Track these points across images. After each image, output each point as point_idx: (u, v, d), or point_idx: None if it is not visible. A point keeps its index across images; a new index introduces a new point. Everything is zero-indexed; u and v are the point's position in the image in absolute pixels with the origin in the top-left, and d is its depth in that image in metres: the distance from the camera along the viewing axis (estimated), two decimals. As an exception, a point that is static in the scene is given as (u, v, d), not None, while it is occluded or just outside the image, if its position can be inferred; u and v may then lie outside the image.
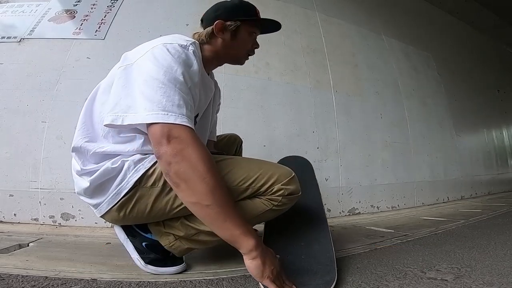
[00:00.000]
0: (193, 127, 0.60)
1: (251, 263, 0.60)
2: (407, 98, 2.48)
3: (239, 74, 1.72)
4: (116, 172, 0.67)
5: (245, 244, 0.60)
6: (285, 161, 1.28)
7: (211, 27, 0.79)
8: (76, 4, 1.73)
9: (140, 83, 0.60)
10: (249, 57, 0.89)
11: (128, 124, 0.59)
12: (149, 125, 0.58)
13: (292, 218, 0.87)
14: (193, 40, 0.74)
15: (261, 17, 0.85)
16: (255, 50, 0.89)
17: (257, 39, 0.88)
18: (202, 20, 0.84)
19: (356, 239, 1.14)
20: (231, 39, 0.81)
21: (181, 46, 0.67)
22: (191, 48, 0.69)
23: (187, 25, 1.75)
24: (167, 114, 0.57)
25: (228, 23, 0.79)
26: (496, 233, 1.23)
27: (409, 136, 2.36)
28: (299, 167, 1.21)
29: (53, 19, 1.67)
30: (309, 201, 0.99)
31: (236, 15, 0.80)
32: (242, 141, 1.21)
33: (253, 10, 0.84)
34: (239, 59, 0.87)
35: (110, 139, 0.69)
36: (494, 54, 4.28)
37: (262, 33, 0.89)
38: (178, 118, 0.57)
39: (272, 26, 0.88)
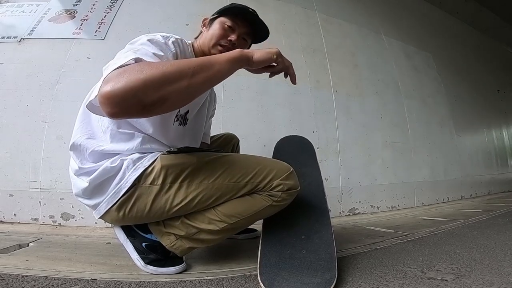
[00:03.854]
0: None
1: (256, 57, 0.66)
2: (407, 98, 2.48)
3: (239, 74, 1.71)
4: (115, 171, 0.68)
5: (237, 55, 0.62)
6: (284, 141, 1.22)
7: None
8: (76, 4, 1.73)
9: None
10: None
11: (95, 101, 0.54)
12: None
13: (293, 208, 0.84)
14: (182, 38, 0.77)
15: (258, 23, 0.84)
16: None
17: (241, 37, 0.84)
18: None
19: (356, 239, 1.14)
20: (207, 30, 0.84)
21: (162, 36, 0.70)
22: (172, 39, 0.71)
23: (187, 25, 1.75)
24: (118, 63, 0.53)
25: (210, 17, 0.85)
26: (496, 233, 1.23)
27: (409, 136, 2.36)
28: (298, 148, 1.17)
29: (53, 19, 1.67)
30: (311, 188, 0.96)
31: (218, 12, 0.84)
32: (238, 140, 1.20)
33: (238, 5, 0.83)
34: (211, 50, 0.81)
35: (109, 135, 0.70)
36: (494, 54, 4.28)
37: (254, 42, 0.89)
38: (127, 59, 0.54)
39: (260, 31, 0.86)
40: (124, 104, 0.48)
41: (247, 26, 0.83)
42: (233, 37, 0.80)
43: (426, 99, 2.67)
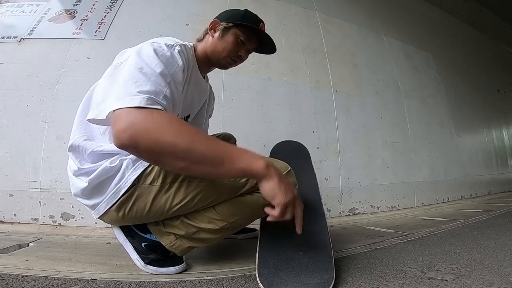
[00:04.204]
0: (160, 108, 0.55)
1: (265, 185, 0.58)
2: (407, 98, 2.48)
3: (239, 74, 1.72)
4: (115, 171, 0.68)
5: (255, 169, 0.57)
6: (280, 146, 1.24)
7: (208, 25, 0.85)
8: (76, 4, 1.73)
9: (120, 79, 0.59)
10: (243, 61, 0.89)
11: (103, 119, 0.56)
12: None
13: None
14: (185, 42, 0.75)
15: (264, 34, 0.84)
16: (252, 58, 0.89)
17: (248, 52, 0.87)
18: None
19: (356, 239, 1.14)
20: (218, 38, 0.83)
21: (167, 45, 0.68)
22: (177, 48, 0.69)
23: (187, 25, 1.75)
24: (132, 99, 0.53)
25: (222, 23, 0.83)
26: (496, 233, 1.23)
27: (409, 136, 2.36)
28: (294, 152, 1.20)
29: (53, 19, 1.67)
30: (306, 193, 0.97)
31: (232, 19, 0.83)
32: (235, 140, 1.20)
33: (253, 20, 0.84)
34: (220, 60, 0.85)
35: (108, 137, 0.70)
36: (494, 54, 4.28)
37: (256, 51, 0.91)
38: (142, 101, 0.53)
39: (267, 46, 0.89)
40: (125, 147, 0.53)
41: (257, 43, 0.87)
42: (242, 52, 0.85)
43: (426, 99, 2.67)
